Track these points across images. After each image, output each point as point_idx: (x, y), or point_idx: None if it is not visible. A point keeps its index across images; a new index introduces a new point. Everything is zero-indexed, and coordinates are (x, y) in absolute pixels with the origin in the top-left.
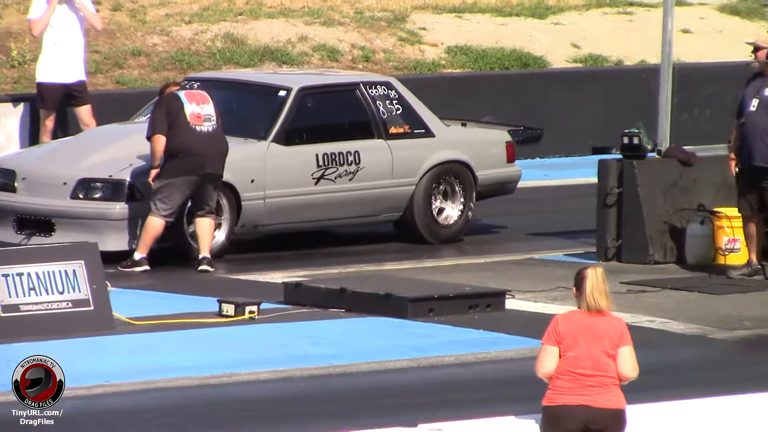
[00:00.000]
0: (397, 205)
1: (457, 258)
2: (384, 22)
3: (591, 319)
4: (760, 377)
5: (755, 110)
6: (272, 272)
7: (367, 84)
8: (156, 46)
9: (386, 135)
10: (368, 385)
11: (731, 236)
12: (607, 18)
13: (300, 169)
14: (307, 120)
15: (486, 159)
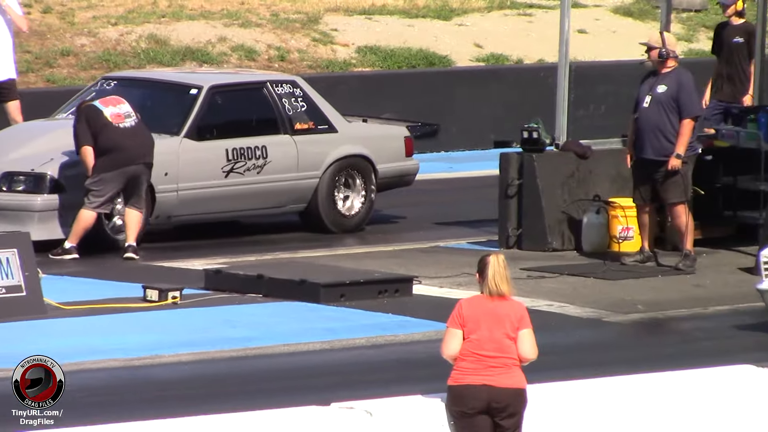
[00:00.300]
0: (302, 196)
1: (366, 246)
2: (298, 24)
3: (493, 304)
4: (652, 358)
5: (648, 107)
6: (193, 260)
7: (273, 83)
8: (84, 47)
9: (292, 131)
10: (284, 366)
11: (625, 225)
12: (507, 19)
13: (210, 162)
14: (217, 117)
15: (385, 153)
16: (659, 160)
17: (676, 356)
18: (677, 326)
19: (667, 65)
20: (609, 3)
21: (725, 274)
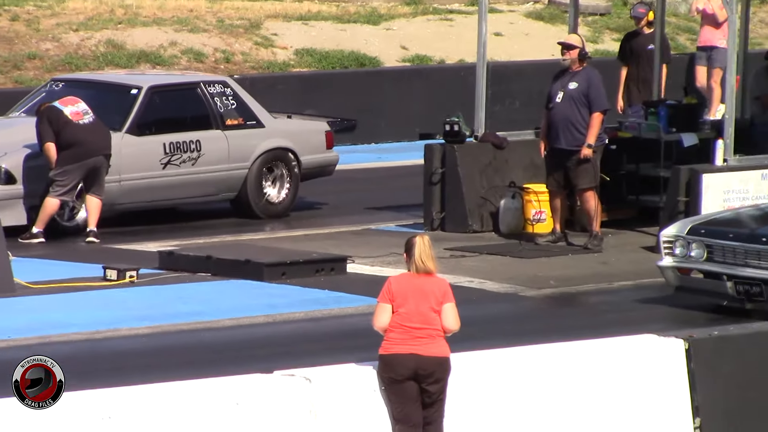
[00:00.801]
0: (233, 185)
1: (301, 230)
2: (242, 29)
3: (419, 280)
4: (564, 329)
5: (561, 101)
6: (148, 243)
7: (206, 83)
8: (48, 51)
9: (223, 126)
10: (230, 338)
11: (538, 209)
12: (430, 23)
13: (150, 156)
14: (156, 114)
15: (308, 146)
16: (571, 150)
17: (586, 327)
18: (586, 300)
19: (580, 64)
20: (522, 8)
21: (629, 253)
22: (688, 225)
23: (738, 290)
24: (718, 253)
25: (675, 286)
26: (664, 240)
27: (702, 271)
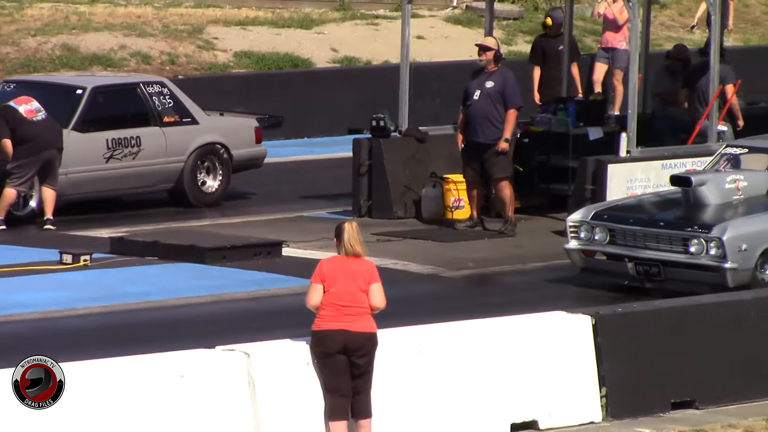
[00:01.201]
0: (171, 177)
1: (237, 217)
2: (185, 34)
3: (348, 262)
4: (481, 306)
5: (478, 99)
6: (101, 229)
7: (145, 83)
8: (9, 54)
9: (161, 123)
10: (176, 316)
11: (457, 197)
12: (358, 28)
13: (94, 150)
14: (99, 112)
15: (238, 140)
16: (488, 143)
17: (501, 305)
18: (501, 280)
19: (496, 64)
20: (442, 13)
21: (540, 237)
22: (592, 211)
23: (638, 271)
24: (620, 236)
25: (581, 267)
26: (570, 225)
27: (605, 253)
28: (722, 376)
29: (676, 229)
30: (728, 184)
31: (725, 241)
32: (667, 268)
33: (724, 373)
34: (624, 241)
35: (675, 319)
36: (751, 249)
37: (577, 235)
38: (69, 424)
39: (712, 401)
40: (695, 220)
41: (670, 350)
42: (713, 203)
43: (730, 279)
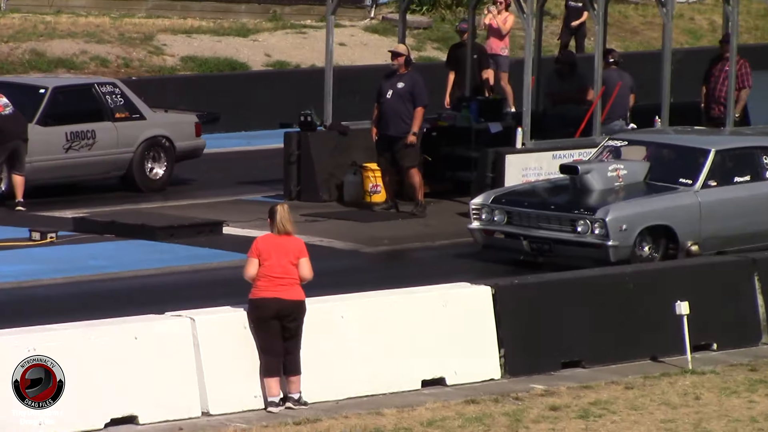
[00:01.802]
0: (122, 165)
1: (184, 200)
2: (138, 41)
3: (280, 240)
4: (396, 278)
5: (390, 98)
6: (65, 210)
7: (99, 84)
8: None
9: (113, 119)
10: (130, 286)
11: (374, 183)
12: (288, 36)
13: (54, 142)
14: (59, 109)
15: (181, 134)
16: (398, 136)
17: (413, 276)
18: (413, 255)
19: (406, 68)
20: (361, 24)
21: (447, 218)
22: (492, 195)
23: (532, 248)
24: (516, 218)
25: (482, 244)
26: (472, 208)
27: (503, 232)
28: (605, 339)
29: (565, 212)
30: (610, 172)
31: (608, 222)
32: (557, 245)
33: (607, 336)
34: (520, 222)
35: (564, 290)
36: (631, 229)
37: (479, 217)
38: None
39: (597, 361)
40: (582, 204)
41: (560, 317)
42: (597, 189)
43: (612, 255)
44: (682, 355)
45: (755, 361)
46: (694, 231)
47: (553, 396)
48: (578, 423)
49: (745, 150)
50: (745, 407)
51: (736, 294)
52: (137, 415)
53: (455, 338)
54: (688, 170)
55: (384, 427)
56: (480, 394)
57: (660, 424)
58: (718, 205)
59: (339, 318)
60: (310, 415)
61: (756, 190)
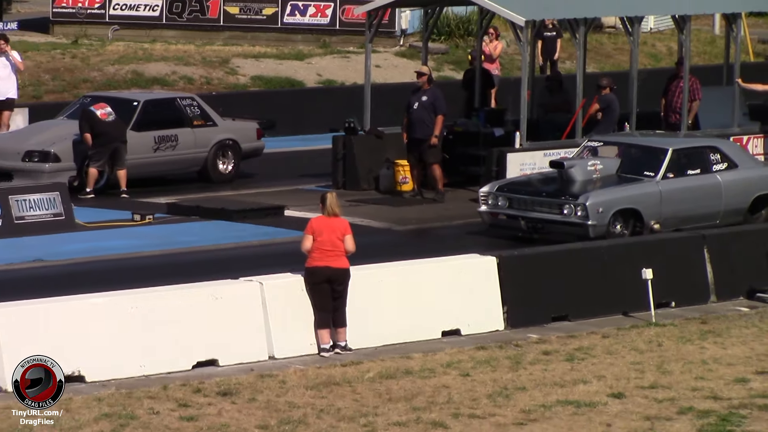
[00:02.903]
0: (199, 162)
1: (251, 189)
2: (217, 63)
3: (330, 220)
4: (422, 251)
5: (417, 108)
6: (159, 197)
7: (180, 98)
8: (95, 77)
9: (191, 125)
10: (212, 257)
11: (404, 175)
12: (335, 59)
13: (145, 144)
14: (149, 118)
15: (245, 137)
16: (423, 139)
17: (435, 249)
18: (435, 232)
19: (429, 84)
20: (392, 50)
21: (461, 203)
22: (496, 185)
23: (528, 226)
24: (515, 203)
25: (489, 224)
26: (481, 195)
27: (505, 214)
28: (586, 298)
29: (553, 198)
30: (590, 167)
31: (588, 206)
32: (548, 224)
33: (588, 296)
34: (518, 206)
35: (554, 260)
36: (606, 211)
37: (486, 202)
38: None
39: (580, 316)
40: (567, 192)
41: (551, 281)
42: (579, 180)
43: (591, 232)
44: (647, 311)
45: (705, 315)
46: (656, 213)
47: (545, 343)
48: (565, 364)
49: (696, 149)
50: (697, 352)
51: (689, 263)
52: (217, 359)
53: (468, 298)
54: (651, 165)
55: (412, 368)
56: (488, 342)
57: (630, 365)
58: (674, 192)
59: (377, 282)
60: (353, 359)
61: (704, 181)
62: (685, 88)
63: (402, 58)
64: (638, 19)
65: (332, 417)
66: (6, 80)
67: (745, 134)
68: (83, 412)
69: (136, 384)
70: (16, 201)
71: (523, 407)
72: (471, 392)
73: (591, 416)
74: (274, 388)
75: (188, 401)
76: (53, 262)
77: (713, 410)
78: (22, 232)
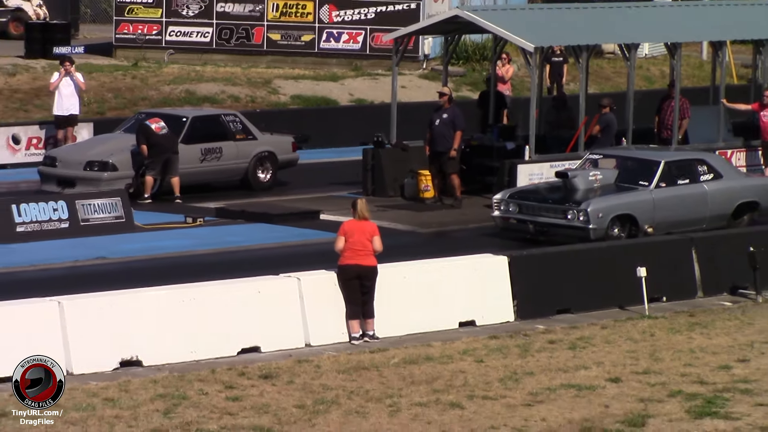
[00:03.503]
0: (240, 172)
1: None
2: (260, 84)
3: (360, 223)
4: (442, 250)
5: (438, 124)
6: (209, 202)
7: (224, 114)
8: (153, 95)
9: (234, 139)
10: (255, 255)
11: (426, 184)
12: (365, 80)
13: (193, 155)
14: (197, 132)
15: (282, 149)
16: (444, 151)
17: (453, 249)
18: (454, 234)
19: (449, 103)
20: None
21: (477, 208)
22: (508, 193)
23: (536, 230)
24: (524, 208)
25: (501, 227)
26: (494, 201)
27: (516, 219)
28: (587, 293)
29: (558, 204)
30: (591, 177)
31: (589, 212)
32: (553, 228)
33: (588, 291)
34: (527, 212)
35: (558, 259)
36: (605, 216)
37: (498, 208)
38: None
39: (581, 309)
40: (570, 199)
41: (556, 277)
42: (581, 188)
43: (592, 235)
44: (641, 305)
45: (693, 309)
46: (650, 218)
47: (550, 333)
48: (568, 352)
49: (685, 162)
50: (685, 342)
51: (679, 262)
52: (260, 346)
53: (482, 292)
54: (646, 176)
55: (432, 354)
56: (499, 332)
57: (626, 353)
58: (666, 200)
59: (402, 278)
60: (380, 346)
61: (693, 190)
62: (676, 108)
63: (425, 80)
64: (635, 46)
65: (361, 398)
66: (70, 98)
67: (729, 148)
68: (140, 392)
69: (187, 368)
70: (82, 205)
71: (531, 390)
72: (484, 376)
73: (591, 398)
74: (309, 372)
75: (234, 383)
76: (115, 259)
77: (700, 393)
78: (87, 232)
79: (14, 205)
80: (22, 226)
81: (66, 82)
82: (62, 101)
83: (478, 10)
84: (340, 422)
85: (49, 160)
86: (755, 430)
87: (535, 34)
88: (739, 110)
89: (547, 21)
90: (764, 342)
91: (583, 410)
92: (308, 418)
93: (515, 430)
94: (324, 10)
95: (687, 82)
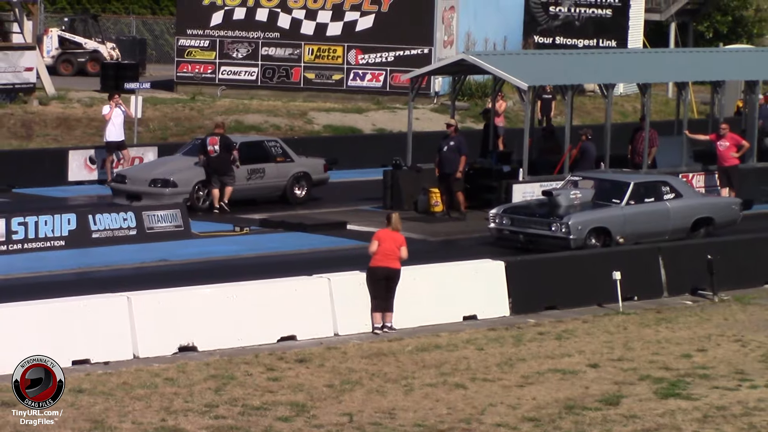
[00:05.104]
0: (280, 188)
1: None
2: (298, 115)
3: (392, 233)
4: (449, 256)
5: (446, 150)
6: (254, 214)
7: (266, 140)
8: (207, 124)
9: (275, 161)
10: (294, 259)
11: (436, 200)
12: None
13: (242, 174)
14: (245, 155)
15: (315, 170)
16: (451, 173)
17: (458, 255)
18: (458, 243)
19: (455, 132)
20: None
21: (478, 220)
22: (502, 208)
23: (525, 239)
24: (516, 221)
25: (496, 237)
26: (491, 215)
27: (509, 230)
28: (570, 292)
29: (545, 218)
30: (572, 195)
31: (570, 225)
32: (540, 238)
33: (571, 291)
34: (519, 224)
35: (547, 264)
36: (583, 228)
37: (494, 221)
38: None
39: (566, 306)
40: (555, 214)
41: (544, 279)
42: (564, 205)
43: (572, 244)
44: (616, 303)
45: (660, 307)
46: (621, 230)
47: (540, 326)
48: (555, 342)
49: (651, 183)
50: (653, 334)
51: (648, 268)
52: (296, 335)
53: (482, 292)
54: (618, 194)
55: (440, 343)
56: (497, 325)
57: (603, 343)
58: (635, 215)
59: (415, 278)
60: (397, 336)
61: (657, 207)
62: (646, 138)
63: (435, 113)
64: (611, 86)
65: (381, 379)
66: (121, 126)
67: (691, 172)
68: (195, 373)
69: (234, 353)
70: (147, 216)
71: (523, 374)
72: (484, 362)
73: (573, 381)
74: (337, 357)
75: (274, 366)
76: (175, 261)
77: (665, 378)
78: (151, 238)
79: (90, 215)
80: (96, 233)
81: (116, 113)
82: (114, 129)
83: (480, 54)
84: (363, 399)
85: (120, 178)
86: (712, 409)
87: (528, 75)
88: (699, 140)
89: (539, 64)
90: (720, 335)
91: (567, 391)
92: (336, 395)
93: (510, 407)
94: (351, 53)
95: (655, 117)
